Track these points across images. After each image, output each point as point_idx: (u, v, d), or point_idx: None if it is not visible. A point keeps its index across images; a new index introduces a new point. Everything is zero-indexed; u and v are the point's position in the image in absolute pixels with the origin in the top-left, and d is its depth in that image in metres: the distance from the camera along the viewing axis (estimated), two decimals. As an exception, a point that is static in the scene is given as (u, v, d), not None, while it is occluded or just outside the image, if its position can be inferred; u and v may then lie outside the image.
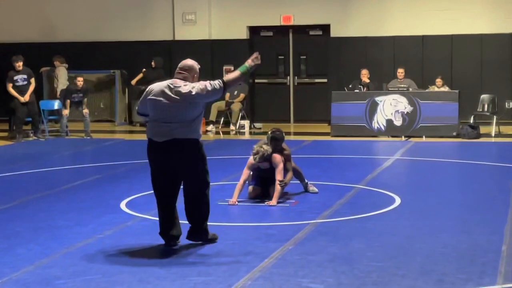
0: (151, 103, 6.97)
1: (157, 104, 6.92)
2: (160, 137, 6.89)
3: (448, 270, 6.29)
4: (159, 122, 6.92)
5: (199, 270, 6.38)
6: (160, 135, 6.89)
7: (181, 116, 6.84)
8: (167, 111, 6.87)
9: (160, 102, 6.90)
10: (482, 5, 18.89)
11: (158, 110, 6.92)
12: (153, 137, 6.97)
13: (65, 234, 7.70)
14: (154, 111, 6.96)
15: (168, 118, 6.86)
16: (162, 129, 6.88)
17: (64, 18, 21.27)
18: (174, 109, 6.86)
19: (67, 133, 17.60)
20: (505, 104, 18.41)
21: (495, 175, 11.61)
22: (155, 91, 7.00)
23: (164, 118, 6.89)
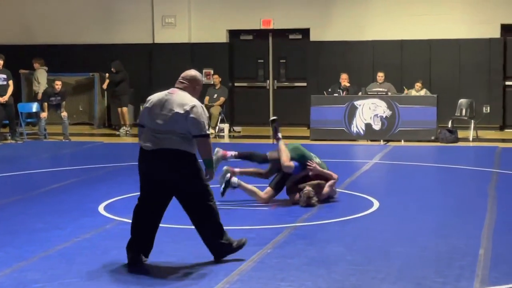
0: (146, 111, 6.74)
1: (150, 112, 6.68)
2: (149, 145, 6.65)
3: (426, 274, 6.32)
4: (150, 130, 6.66)
5: (178, 273, 6.37)
6: (149, 144, 6.64)
7: (171, 127, 6.57)
8: (159, 121, 6.61)
9: (153, 111, 6.66)
10: (460, 11, 19.01)
11: (150, 119, 6.67)
12: (142, 145, 6.75)
13: (43, 237, 7.66)
14: (147, 120, 6.71)
15: (158, 128, 6.61)
16: (151, 138, 6.63)
17: (43, 21, 21.17)
18: (165, 119, 6.60)
19: (45, 136, 17.52)
20: (483, 108, 18.55)
21: (472, 179, 11.68)
22: (153, 100, 6.76)
23: (154, 127, 6.63)
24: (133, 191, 10.27)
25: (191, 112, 6.55)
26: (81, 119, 20.85)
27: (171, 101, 6.63)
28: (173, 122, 6.55)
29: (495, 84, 18.86)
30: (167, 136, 6.55)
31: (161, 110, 6.62)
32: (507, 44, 18.91)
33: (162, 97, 6.73)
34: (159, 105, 6.66)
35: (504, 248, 7.14)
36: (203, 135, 6.56)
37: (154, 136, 6.61)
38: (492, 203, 9.34)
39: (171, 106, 6.59)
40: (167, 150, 6.54)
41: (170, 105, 6.61)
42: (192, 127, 6.53)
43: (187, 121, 6.52)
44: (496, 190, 10.34)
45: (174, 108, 6.58)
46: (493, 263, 6.58)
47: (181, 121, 6.54)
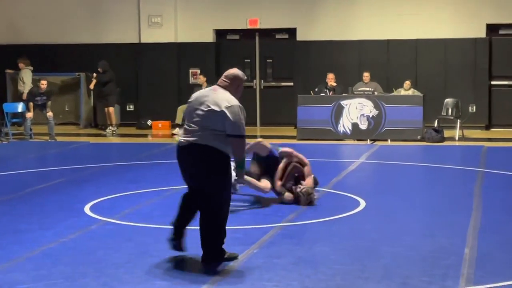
0: (188, 106, 6.88)
1: (190, 108, 6.82)
2: (182, 140, 6.75)
3: (412, 273, 6.33)
4: (187, 125, 6.79)
5: (163, 274, 6.36)
6: (183, 138, 6.76)
7: (205, 123, 6.64)
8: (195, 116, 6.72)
9: (193, 106, 6.78)
10: (446, 11, 19.06)
11: (189, 114, 6.80)
12: (180, 138, 6.86)
13: (28, 238, 7.63)
14: (187, 115, 6.86)
15: (193, 123, 6.72)
16: (186, 133, 6.76)
17: (29, 20, 21.09)
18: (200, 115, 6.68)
19: (31, 136, 17.45)
20: (469, 108, 18.61)
21: (458, 179, 11.72)
22: (194, 96, 6.89)
23: (190, 123, 6.75)
24: (119, 191, 10.28)
25: (228, 112, 6.59)
26: (67, 119, 20.78)
27: (209, 98, 6.71)
28: (207, 119, 6.63)
29: (480, 84, 18.93)
30: (200, 132, 6.63)
31: (199, 106, 6.71)
32: (492, 43, 18.98)
33: (203, 93, 6.84)
34: (199, 101, 6.75)
35: (489, 247, 7.17)
36: (238, 135, 6.61)
37: (188, 131, 6.72)
38: (477, 203, 9.37)
39: (209, 103, 6.66)
40: (197, 146, 6.62)
41: (208, 102, 6.68)
42: (228, 127, 6.59)
43: (223, 119, 6.58)
44: (481, 189, 10.38)
45: (210, 105, 6.64)
46: (479, 262, 6.60)
47: (215, 118, 6.61)
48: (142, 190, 10.39)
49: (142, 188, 10.56)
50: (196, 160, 6.63)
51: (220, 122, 6.59)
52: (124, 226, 8.21)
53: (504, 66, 18.94)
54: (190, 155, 6.67)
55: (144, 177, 11.64)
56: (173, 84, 20.31)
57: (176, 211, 6.91)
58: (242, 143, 6.67)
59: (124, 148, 16.56)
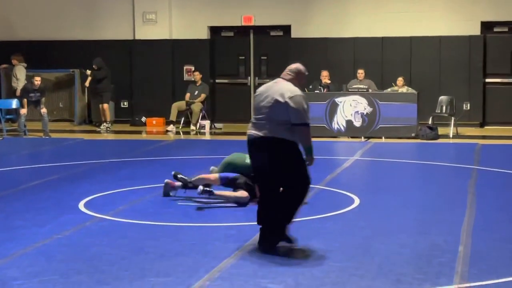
0: (255, 100, 7.09)
1: (256, 101, 7.04)
2: (251, 133, 6.99)
3: (406, 270, 6.34)
4: (254, 119, 7.02)
5: (158, 270, 6.35)
6: (251, 132, 6.98)
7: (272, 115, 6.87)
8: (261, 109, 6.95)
9: (259, 99, 7.01)
10: (441, 8, 19.08)
11: (256, 107, 7.03)
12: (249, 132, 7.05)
13: (22, 235, 7.62)
14: (254, 108, 7.09)
15: (260, 116, 6.95)
16: (254, 126, 6.99)
17: (24, 16, 21.05)
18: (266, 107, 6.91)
19: (25, 132, 17.42)
20: (463, 105, 18.64)
21: (452, 176, 11.73)
22: (260, 89, 7.11)
23: (257, 115, 6.99)
24: (114, 188, 10.28)
25: (292, 101, 6.80)
26: (62, 116, 20.76)
27: (274, 90, 6.93)
28: (273, 110, 6.84)
29: (475, 81, 18.96)
30: (268, 125, 6.85)
31: (265, 99, 6.93)
32: (487, 41, 19.01)
33: (267, 87, 7.06)
34: (264, 94, 6.97)
35: (483, 245, 7.18)
36: (303, 123, 6.80)
37: (256, 124, 6.95)
38: (471, 200, 9.39)
39: (273, 95, 6.88)
40: (267, 138, 6.85)
41: (273, 93, 6.90)
42: (292, 116, 6.78)
43: (287, 109, 6.78)
44: (475, 187, 10.40)
45: (275, 96, 6.86)
46: (473, 260, 6.62)
47: (280, 109, 6.81)
48: (137, 187, 10.39)
49: (136, 184, 10.55)
50: (268, 152, 6.87)
51: (285, 112, 6.80)
52: (118, 223, 8.21)
53: (498, 63, 18.97)
54: (261, 149, 6.92)
55: (139, 174, 11.64)
56: (168, 81, 20.30)
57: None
58: (308, 131, 6.86)
59: (119, 144, 16.54)
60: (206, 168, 10.42)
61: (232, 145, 15.62)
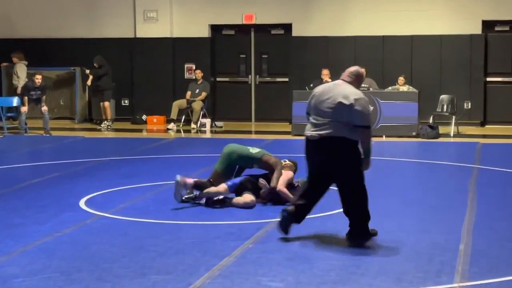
0: (313, 100, 7.29)
1: (316, 101, 7.23)
2: (311, 133, 7.22)
3: (406, 269, 6.34)
4: (313, 119, 7.24)
5: (158, 268, 6.35)
6: (311, 132, 7.22)
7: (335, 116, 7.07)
8: (323, 109, 7.15)
9: (319, 99, 7.20)
10: (442, 7, 19.07)
11: (315, 108, 7.23)
12: (306, 133, 7.31)
13: (23, 232, 7.62)
14: (312, 109, 7.28)
15: (321, 116, 7.15)
16: (314, 126, 7.21)
17: (24, 14, 21.04)
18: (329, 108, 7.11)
19: (26, 130, 17.42)
20: (464, 104, 18.63)
21: (453, 175, 11.73)
22: (319, 90, 7.30)
23: (318, 115, 7.19)
24: (114, 186, 10.28)
25: (356, 104, 7.02)
26: (62, 114, 20.74)
27: (337, 92, 7.12)
28: (337, 111, 7.05)
29: (476, 80, 18.95)
30: (330, 124, 7.08)
31: (326, 100, 7.13)
32: (488, 40, 19.00)
33: (328, 88, 7.27)
34: (325, 95, 7.17)
35: (484, 243, 7.18)
36: (366, 126, 7.06)
37: (317, 124, 7.17)
38: (472, 199, 9.39)
39: (337, 97, 7.07)
40: (329, 138, 7.09)
41: (336, 95, 7.09)
42: (355, 118, 7.01)
43: (351, 111, 7.00)
44: (476, 185, 10.39)
45: (339, 98, 7.05)
46: (473, 259, 6.61)
47: (344, 111, 7.02)
48: (137, 185, 10.39)
49: (137, 182, 10.55)
50: (331, 151, 7.11)
51: (349, 113, 7.01)
52: (119, 221, 8.21)
53: (499, 62, 18.96)
54: (323, 148, 7.13)
55: (139, 172, 11.64)
56: (168, 79, 20.29)
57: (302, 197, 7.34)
58: (369, 133, 7.13)
59: (119, 142, 16.54)
60: (206, 167, 10.41)
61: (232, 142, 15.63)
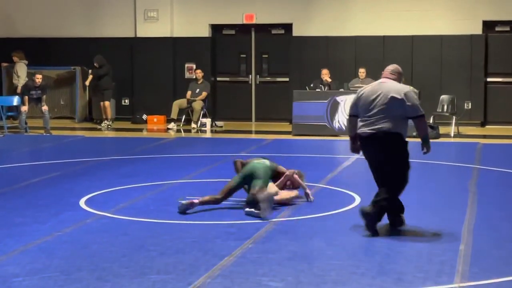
0: (361, 100, 7.68)
1: (366, 100, 7.61)
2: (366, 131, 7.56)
3: (407, 269, 6.34)
4: (365, 117, 7.59)
5: (158, 268, 6.35)
6: (366, 129, 7.56)
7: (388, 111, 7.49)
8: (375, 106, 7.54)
9: (369, 98, 7.59)
10: (442, 7, 19.07)
11: (365, 106, 7.60)
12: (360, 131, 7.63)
13: (23, 231, 7.62)
14: (362, 108, 7.64)
15: (374, 113, 7.53)
16: (368, 123, 7.56)
17: (25, 13, 21.05)
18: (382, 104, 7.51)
19: (26, 129, 17.42)
20: (464, 104, 18.63)
21: (453, 175, 11.73)
22: (366, 89, 7.72)
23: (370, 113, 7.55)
24: (115, 185, 10.28)
25: (407, 97, 7.52)
26: (63, 113, 20.75)
27: (387, 89, 7.59)
28: (390, 106, 7.48)
29: (476, 81, 18.95)
30: (385, 120, 7.49)
31: (377, 97, 7.55)
32: (488, 40, 19.00)
33: (375, 86, 7.71)
34: (374, 94, 7.59)
35: (484, 243, 7.18)
36: (421, 115, 7.58)
37: (370, 121, 7.54)
38: (472, 199, 9.39)
39: (388, 93, 7.54)
40: (385, 133, 7.48)
41: (387, 92, 7.55)
42: (409, 110, 7.51)
43: (404, 105, 7.49)
44: (476, 186, 10.39)
45: (391, 94, 7.52)
46: (474, 259, 6.61)
47: (397, 105, 7.48)
48: (137, 184, 10.39)
49: (137, 182, 10.55)
50: (387, 146, 7.51)
51: (401, 107, 7.48)
52: (119, 220, 8.20)
53: (500, 63, 18.96)
54: (380, 143, 7.52)
55: (139, 171, 11.63)
56: (169, 78, 20.30)
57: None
58: (425, 121, 7.67)
59: (119, 142, 16.54)
60: (206, 167, 10.40)
61: (233, 143, 15.67)
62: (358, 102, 7.71)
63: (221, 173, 11.19)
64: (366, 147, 7.68)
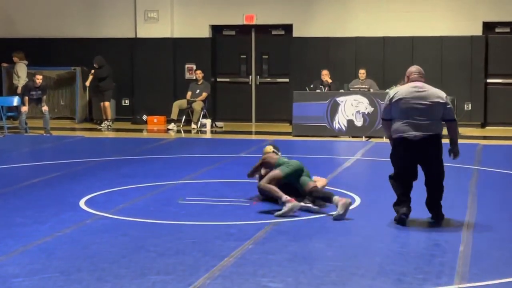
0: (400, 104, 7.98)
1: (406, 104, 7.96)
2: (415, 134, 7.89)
3: (406, 270, 6.34)
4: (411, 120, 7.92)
5: (158, 268, 6.35)
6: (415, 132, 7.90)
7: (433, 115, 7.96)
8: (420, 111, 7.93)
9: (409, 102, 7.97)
10: (443, 8, 19.07)
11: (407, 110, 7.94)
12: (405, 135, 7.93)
13: (23, 232, 7.62)
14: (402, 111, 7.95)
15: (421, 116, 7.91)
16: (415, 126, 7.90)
17: (24, 14, 21.05)
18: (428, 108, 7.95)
19: (26, 130, 17.43)
20: (464, 106, 18.63)
21: (453, 176, 11.67)
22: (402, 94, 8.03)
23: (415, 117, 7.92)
24: (115, 186, 10.28)
25: (447, 101, 8.06)
26: (63, 113, 20.75)
27: (428, 93, 8.06)
28: (434, 110, 7.93)
29: (476, 82, 18.95)
30: (430, 123, 7.91)
31: (419, 101, 7.96)
32: (488, 41, 19.00)
33: (417, 90, 8.09)
34: (416, 97, 7.99)
35: (484, 244, 7.18)
36: (455, 119, 8.14)
37: (417, 125, 7.89)
38: (472, 200, 9.39)
39: (431, 97, 8.02)
40: (431, 136, 7.92)
41: (429, 96, 8.03)
42: (447, 113, 8.01)
43: (445, 108, 7.99)
44: (476, 187, 10.40)
45: (434, 98, 8.00)
46: (473, 260, 6.61)
47: (439, 109, 7.97)
48: (137, 185, 10.39)
49: (137, 182, 10.55)
50: (433, 148, 7.96)
51: (442, 111, 7.98)
52: (119, 221, 8.21)
53: (500, 64, 18.97)
54: (432, 146, 7.95)
55: (139, 172, 11.63)
56: (169, 79, 20.30)
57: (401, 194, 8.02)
58: (457, 125, 8.25)
59: (119, 142, 16.54)
60: (206, 166, 10.40)
61: (233, 144, 15.66)
62: (397, 107, 7.99)
63: (221, 173, 11.19)
64: (415, 149, 7.95)
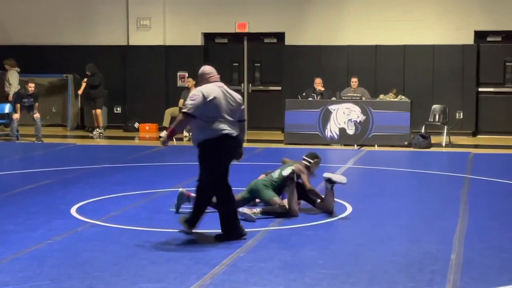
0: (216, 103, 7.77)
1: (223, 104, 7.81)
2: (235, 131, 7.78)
3: (398, 278, 6.34)
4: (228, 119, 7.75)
5: (149, 276, 6.34)
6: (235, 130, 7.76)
7: (238, 115, 7.89)
8: (231, 110, 7.81)
9: (222, 102, 7.81)
10: (435, 17, 19.14)
11: (226, 110, 7.79)
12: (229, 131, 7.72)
13: (14, 239, 7.59)
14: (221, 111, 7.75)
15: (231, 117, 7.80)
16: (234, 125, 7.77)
17: (16, 21, 21.04)
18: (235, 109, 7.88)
19: (17, 137, 17.39)
20: (456, 114, 18.68)
21: (445, 185, 11.74)
22: (218, 94, 7.87)
23: (229, 116, 7.78)
24: (106, 193, 10.26)
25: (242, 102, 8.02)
26: (54, 121, 20.73)
27: (230, 93, 7.96)
28: (239, 111, 7.86)
29: (468, 90, 19.01)
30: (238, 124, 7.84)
31: (230, 100, 7.84)
32: (480, 50, 19.07)
33: (223, 90, 7.94)
34: (227, 97, 7.86)
35: (475, 253, 7.19)
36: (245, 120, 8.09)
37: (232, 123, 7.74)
38: (464, 209, 9.40)
39: (235, 97, 7.96)
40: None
41: (233, 96, 7.95)
42: (242, 114, 7.91)
43: (241, 109, 7.93)
44: (468, 195, 10.41)
45: (239, 100, 7.93)
46: (465, 268, 6.62)
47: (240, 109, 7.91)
48: (129, 193, 10.37)
49: (128, 190, 10.54)
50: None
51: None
52: (110, 228, 8.19)
53: (491, 73, 19.04)
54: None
55: (131, 180, 11.62)
56: (161, 87, 20.30)
57: None
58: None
59: (111, 150, 16.52)
60: (197, 174, 10.33)
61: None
62: (210, 104, 7.83)
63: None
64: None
